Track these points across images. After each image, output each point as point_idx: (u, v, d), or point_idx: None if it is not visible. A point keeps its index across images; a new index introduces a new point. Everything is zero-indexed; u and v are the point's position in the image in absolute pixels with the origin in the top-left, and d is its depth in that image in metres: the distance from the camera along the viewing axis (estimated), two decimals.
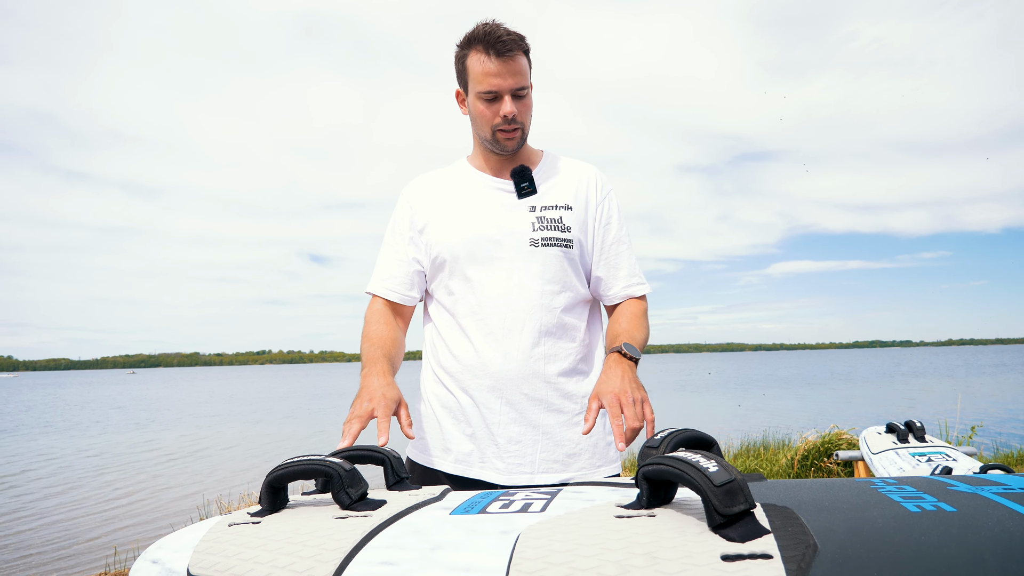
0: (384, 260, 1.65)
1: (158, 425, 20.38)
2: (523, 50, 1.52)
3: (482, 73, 1.50)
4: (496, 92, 1.50)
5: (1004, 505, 0.72)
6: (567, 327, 1.57)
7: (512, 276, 1.54)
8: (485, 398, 1.53)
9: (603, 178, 1.68)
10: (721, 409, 20.96)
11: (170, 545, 0.91)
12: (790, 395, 27.26)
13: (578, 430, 1.55)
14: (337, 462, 0.93)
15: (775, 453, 7.37)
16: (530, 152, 1.67)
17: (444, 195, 1.64)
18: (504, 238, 1.55)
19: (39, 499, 8.88)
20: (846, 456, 3.33)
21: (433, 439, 1.59)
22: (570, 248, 1.58)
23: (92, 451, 14.17)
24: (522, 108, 1.54)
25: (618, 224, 1.66)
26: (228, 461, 12.01)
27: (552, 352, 1.55)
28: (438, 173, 1.70)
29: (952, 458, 2.81)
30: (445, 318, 1.61)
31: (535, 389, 1.53)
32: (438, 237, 1.59)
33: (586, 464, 1.55)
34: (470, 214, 1.59)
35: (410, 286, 1.63)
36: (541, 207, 1.58)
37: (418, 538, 0.78)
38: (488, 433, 1.53)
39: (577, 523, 0.74)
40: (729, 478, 0.69)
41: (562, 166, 1.68)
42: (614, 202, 1.67)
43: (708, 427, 13.28)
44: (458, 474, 1.54)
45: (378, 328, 1.54)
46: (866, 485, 0.87)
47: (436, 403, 1.60)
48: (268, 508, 0.93)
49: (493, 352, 1.53)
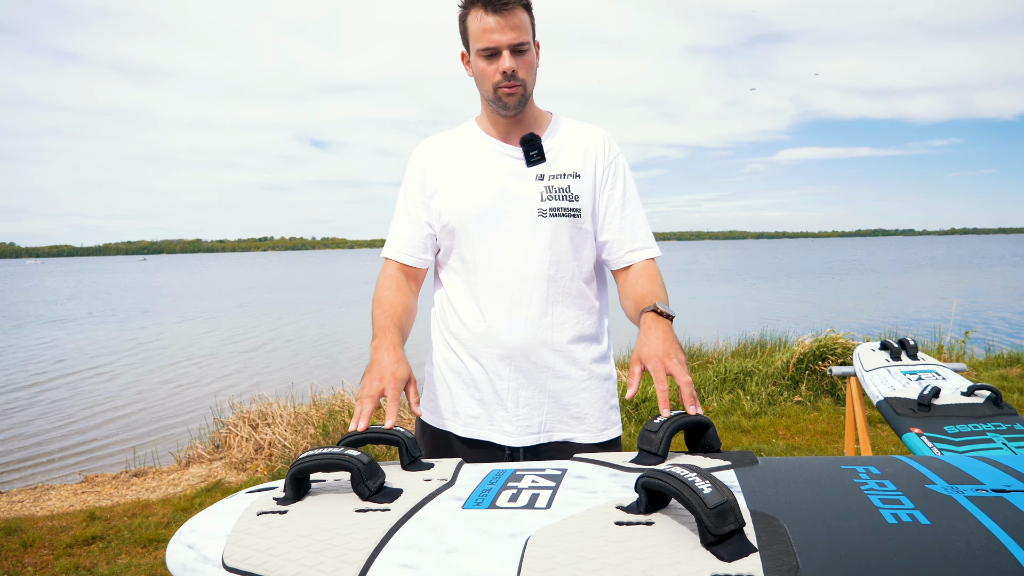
0: (397, 224, 1.67)
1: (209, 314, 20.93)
2: (523, 5, 1.51)
3: (480, 30, 1.49)
4: (495, 48, 1.50)
5: (975, 518, 0.78)
6: (575, 295, 1.61)
7: (520, 246, 1.58)
8: (494, 365, 1.58)
9: (611, 141, 1.68)
10: (721, 302, 21.28)
11: (203, 529, 0.99)
12: (790, 288, 27.58)
13: (585, 395, 1.61)
14: (356, 455, 0.99)
15: (771, 353, 7.57)
16: (537, 114, 1.66)
17: (454, 160, 1.64)
18: (513, 208, 1.58)
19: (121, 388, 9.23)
20: (839, 372, 3.44)
21: (443, 402, 1.66)
22: (578, 217, 1.60)
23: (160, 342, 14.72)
24: (523, 64, 1.53)
25: (624, 188, 1.67)
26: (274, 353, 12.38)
27: (560, 320, 1.59)
28: (447, 135, 1.70)
29: (942, 376, 2.91)
30: (455, 284, 1.64)
31: (543, 357, 1.58)
32: (448, 204, 1.61)
33: (591, 427, 1.62)
34: (480, 182, 1.60)
35: (423, 249, 1.65)
36: (550, 176, 1.59)
37: (434, 538, 0.85)
38: (497, 398, 1.59)
39: (580, 530, 0.81)
40: (721, 500, 0.75)
41: (570, 131, 1.68)
42: (621, 165, 1.68)
43: (707, 322, 13.53)
44: (468, 436, 1.62)
45: (390, 295, 1.57)
46: (850, 479, 0.93)
47: (446, 368, 1.66)
48: (292, 497, 1.00)
49: (502, 321, 1.57)
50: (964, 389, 2.58)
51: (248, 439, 5.48)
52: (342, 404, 6.04)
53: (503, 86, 1.53)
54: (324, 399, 6.30)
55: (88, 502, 4.63)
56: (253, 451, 5.36)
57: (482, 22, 1.49)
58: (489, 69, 1.53)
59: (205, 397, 8.67)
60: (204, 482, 4.94)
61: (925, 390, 2.52)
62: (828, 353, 6.26)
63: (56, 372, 11.39)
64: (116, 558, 3.49)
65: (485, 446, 1.61)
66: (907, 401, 2.55)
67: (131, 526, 3.87)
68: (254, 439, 5.45)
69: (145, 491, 4.85)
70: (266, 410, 5.82)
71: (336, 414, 5.70)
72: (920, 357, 3.27)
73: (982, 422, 2.31)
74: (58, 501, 4.70)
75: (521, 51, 1.52)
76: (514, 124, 1.62)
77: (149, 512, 4.15)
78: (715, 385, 6.47)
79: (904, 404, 2.53)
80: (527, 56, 1.53)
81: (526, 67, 1.54)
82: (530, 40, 1.53)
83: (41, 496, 4.85)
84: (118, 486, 5.02)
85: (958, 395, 2.53)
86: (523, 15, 1.51)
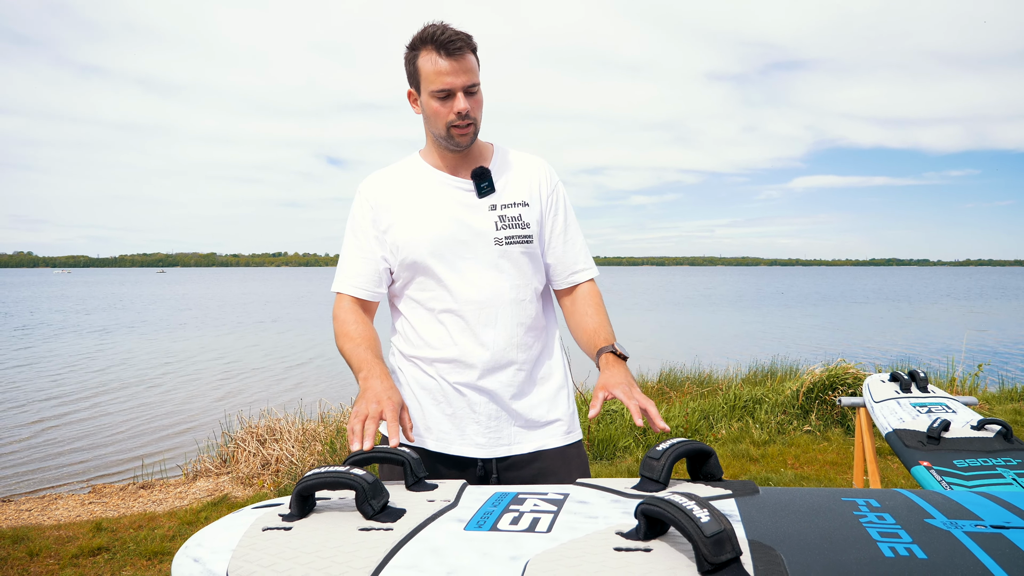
0: (349, 258, 1.71)
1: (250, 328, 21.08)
2: (471, 48, 1.59)
3: (434, 72, 1.56)
4: (449, 90, 1.57)
5: (972, 554, 0.79)
6: (535, 315, 1.71)
7: (482, 274, 1.65)
8: (465, 384, 1.65)
9: (551, 170, 1.79)
10: (732, 328, 21.19)
11: (209, 543, 1.01)
12: (801, 316, 27.42)
13: (548, 406, 1.71)
14: (361, 474, 1.01)
15: (781, 382, 7.52)
16: (481, 147, 1.75)
17: (405, 195, 1.70)
18: (471, 239, 1.65)
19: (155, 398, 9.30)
20: (849, 402, 3.42)
21: (414, 420, 1.71)
22: (530, 243, 1.69)
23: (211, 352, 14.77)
24: (474, 104, 1.61)
25: (565, 213, 1.77)
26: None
27: (524, 342, 1.68)
28: (394, 169, 1.75)
29: (952, 410, 2.89)
30: (418, 312, 1.70)
31: (510, 376, 1.67)
32: (405, 239, 1.66)
33: (556, 432, 1.71)
34: (435, 215, 1.66)
35: (378, 283, 1.70)
36: (501, 205, 1.68)
37: (435, 559, 0.87)
38: (469, 411, 1.66)
39: (579, 556, 0.82)
40: (719, 529, 0.76)
41: (514, 161, 1.77)
42: (561, 192, 1.79)
43: (717, 349, 13.48)
44: (439, 451, 1.67)
45: (357, 327, 1.62)
46: (850, 511, 0.94)
47: (415, 384, 1.71)
48: (297, 513, 1.02)
49: (471, 345, 1.64)
50: (974, 423, 2.56)
51: (256, 454, 5.50)
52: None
53: (456, 125, 1.60)
54: (332, 416, 6.31)
55: (95, 513, 4.65)
56: (260, 466, 5.37)
57: (435, 64, 1.56)
58: (443, 110, 1.60)
59: (215, 410, 8.71)
60: (210, 496, 4.95)
61: (935, 423, 2.50)
62: (839, 383, 6.21)
63: (72, 383, 11.48)
64: (121, 570, 3.50)
65: (458, 459, 1.66)
66: (916, 434, 2.54)
67: (137, 538, 3.89)
68: (261, 454, 5.47)
69: (152, 503, 4.87)
70: (274, 426, 5.85)
71: (344, 432, 5.71)
72: (930, 389, 3.25)
73: (992, 457, 2.29)
74: (65, 511, 4.73)
75: (472, 92, 1.60)
76: (461, 158, 1.70)
77: (155, 525, 4.16)
78: (724, 412, 6.43)
79: (913, 436, 2.52)
80: (477, 96, 1.62)
81: (477, 106, 1.62)
82: (479, 80, 1.61)
83: (48, 505, 4.88)
84: (125, 498, 5.04)
85: (968, 429, 2.51)
86: (472, 57, 1.59)
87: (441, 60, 1.55)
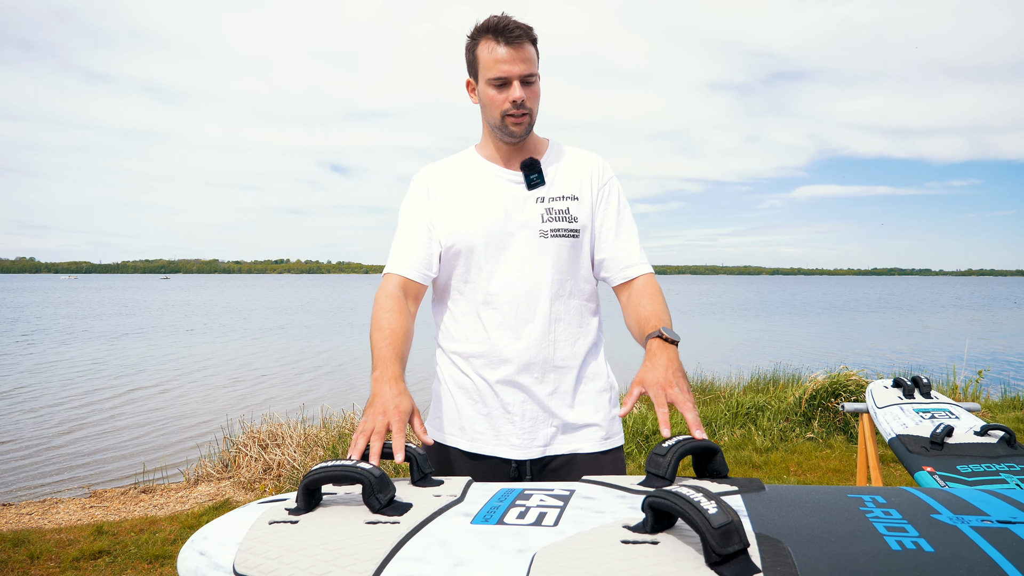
0: (402, 241, 1.70)
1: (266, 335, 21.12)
2: (531, 40, 1.60)
3: (492, 60, 1.57)
4: (505, 78, 1.58)
5: (979, 547, 0.79)
6: (576, 313, 1.68)
7: (525, 267, 1.64)
8: (500, 382, 1.63)
9: (605, 165, 1.77)
10: (734, 336, 21.16)
11: (215, 537, 1.01)
12: (803, 324, 27.39)
13: (588, 407, 1.67)
14: (368, 468, 1.01)
15: (784, 389, 7.51)
16: (537, 141, 1.75)
17: (457, 185, 1.71)
18: (516, 230, 1.64)
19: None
20: (852, 408, 3.41)
21: (449, 418, 1.69)
22: (577, 237, 1.67)
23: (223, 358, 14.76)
24: (530, 95, 1.61)
25: (618, 207, 1.74)
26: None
27: (563, 338, 1.66)
28: (449, 161, 1.77)
29: (955, 415, 2.89)
30: (459, 304, 1.69)
31: (547, 373, 1.64)
32: (453, 227, 1.66)
33: (593, 437, 1.66)
34: (483, 205, 1.66)
35: (428, 266, 1.69)
36: (549, 198, 1.67)
37: (442, 551, 0.87)
38: (504, 412, 1.64)
39: (586, 548, 0.82)
40: (726, 520, 0.76)
41: (567, 155, 1.76)
42: (615, 187, 1.76)
43: (719, 356, 13.46)
44: (475, 451, 1.65)
45: (390, 318, 1.56)
46: (856, 507, 0.94)
47: (452, 384, 1.70)
48: (304, 507, 1.02)
49: (507, 340, 1.63)
50: (977, 428, 2.56)
51: (257, 459, 5.49)
52: (352, 427, 6.04)
53: (511, 114, 1.60)
54: (334, 421, 6.30)
55: (96, 516, 4.65)
56: (262, 471, 5.36)
57: (493, 53, 1.57)
58: (499, 98, 1.60)
59: (217, 415, 8.70)
60: (212, 501, 4.95)
61: (938, 428, 2.50)
62: (841, 390, 6.20)
63: (74, 388, 11.48)
64: (122, 573, 3.49)
65: (491, 460, 1.64)
66: (920, 439, 2.53)
67: (138, 542, 3.88)
68: (263, 459, 5.46)
69: (153, 507, 4.86)
70: (276, 430, 5.84)
71: (346, 436, 5.70)
72: (933, 395, 3.24)
73: (995, 462, 2.29)
74: (66, 515, 4.72)
75: (529, 82, 1.60)
76: (515, 150, 1.70)
77: (156, 528, 4.15)
78: (727, 419, 6.42)
79: (916, 442, 2.51)
80: (535, 87, 1.62)
81: (533, 97, 1.62)
82: (537, 72, 1.62)
83: (49, 509, 4.87)
84: (126, 502, 5.03)
85: (971, 434, 2.51)
86: (531, 48, 1.60)
87: (499, 48, 1.56)
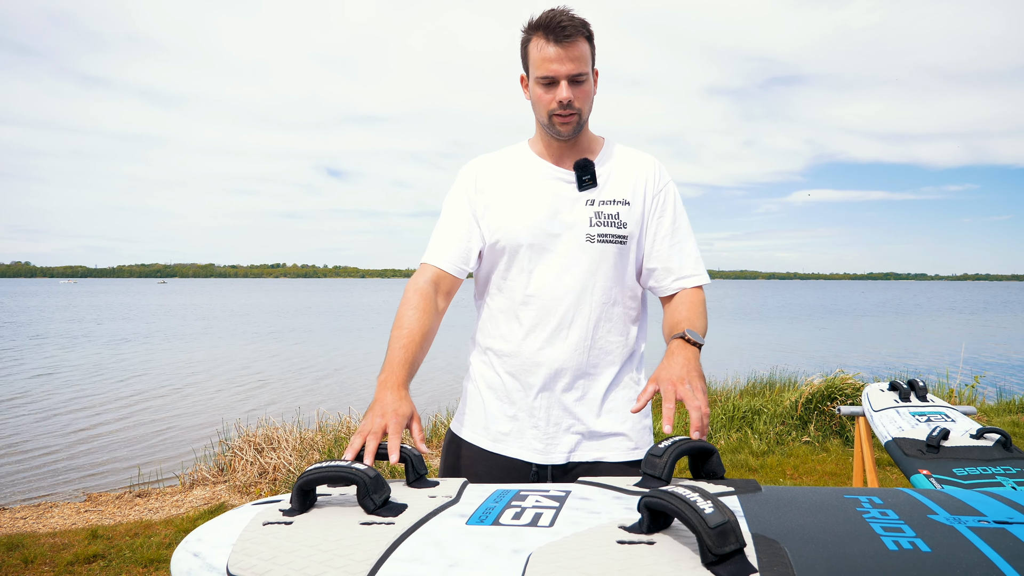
0: (443, 231, 1.67)
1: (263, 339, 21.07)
2: (585, 36, 1.53)
3: (540, 58, 1.52)
4: (553, 77, 1.52)
5: (976, 548, 0.79)
6: (615, 321, 1.63)
7: (567, 270, 1.59)
8: (529, 383, 1.60)
9: (662, 169, 1.70)
10: (731, 340, 21.16)
11: (209, 538, 1.00)
12: (799, 329, 27.43)
13: (618, 415, 1.62)
14: (363, 468, 1.00)
15: (780, 393, 7.51)
16: (590, 139, 1.69)
17: (506, 180, 1.66)
18: (562, 231, 1.59)
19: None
20: (848, 411, 3.41)
21: (474, 416, 1.67)
22: (624, 244, 1.61)
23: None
24: (580, 94, 1.55)
25: (673, 215, 1.68)
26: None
27: (600, 345, 1.61)
28: (500, 155, 1.72)
29: (951, 419, 2.89)
30: (498, 302, 1.65)
31: (580, 380, 1.59)
32: (500, 223, 1.62)
33: (620, 447, 1.61)
34: (531, 204, 1.62)
35: (465, 260, 1.65)
36: (600, 201, 1.61)
37: (437, 552, 0.86)
38: (530, 416, 1.60)
39: (582, 548, 0.82)
40: (723, 520, 0.76)
41: (622, 157, 1.69)
42: (671, 193, 1.69)
43: (716, 360, 13.46)
44: (497, 452, 1.62)
45: (413, 316, 1.52)
46: (853, 507, 0.93)
47: (482, 383, 1.67)
48: (298, 508, 1.01)
49: (543, 342, 1.59)
50: (973, 432, 2.56)
51: (253, 463, 5.47)
52: (348, 431, 6.03)
53: (558, 114, 1.55)
54: (330, 425, 6.29)
55: (91, 520, 4.62)
56: (257, 475, 5.34)
57: (542, 51, 1.51)
58: (546, 97, 1.55)
59: (213, 419, 8.67)
60: (207, 504, 4.93)
61: (934, 431, 2.50)
62: (837, 393, 6.21)
63: (70, 393, 11.43)
64: None
65: (512, 462, 1.60)
66: (916, 442, 2.53)
67: (133, 546, 3.86)
68: (259, 463, 5.44)
69: (148, 511, 4.84)
70: (272, 434, 5.82)
71: (343, 440, 5.69)
72: (929, 399, 3.24)
73: (991, 465, 2.29)
74: (61, 519, 4.70)
75: (579, 81, 1.54)
76: (567, 148, 1.64)
77: (151, 532, 4.13)
78: (723, 423, 6.41)
79: (913, 445, 2.51)
80: (584, 86, 1.56)
81: (583, 97, 1.56)
82: (589, 71, 1.55)
83: (44, 513, 4.85)
84: (121, 506, 5.01)
85: (967, 438, 2.51)
86: (584, 45, 1.53)
87: (549, 46, 1.50)
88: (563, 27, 1.49)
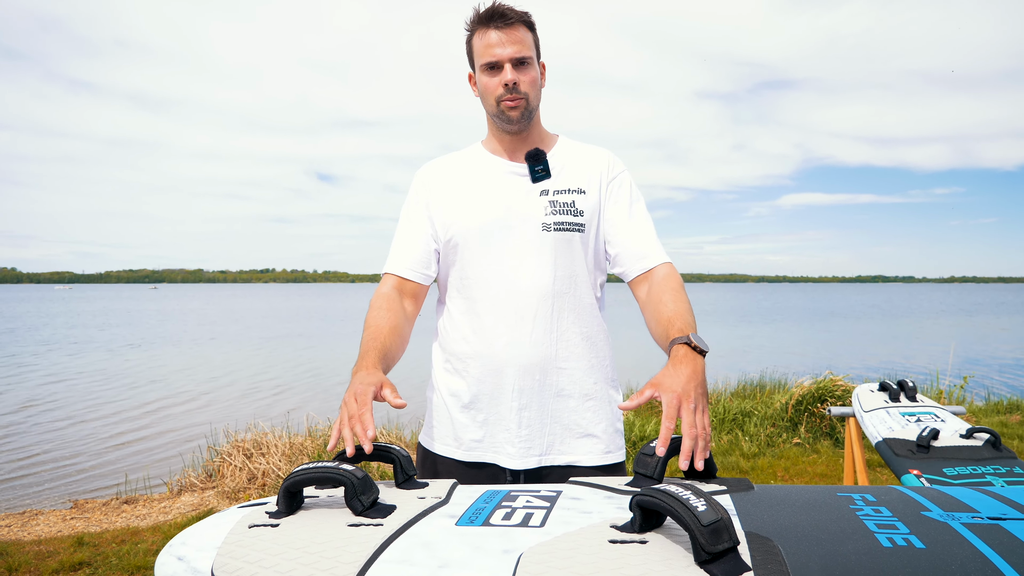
0: (401, 239, 1.66)
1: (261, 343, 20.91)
2: (525, 23, 1.56)
3: (484, 45, 1.55)
4: (496, 61, 1.54)
5: (970, 543, 0.78)
6: (579, 312, 1.59)
7: (524, 261, 1.56)
8: (496, 384, 1.56)
9: (615, 159, 1.69)
10: (720, 343, 21.22)
11: (193, 542, 0.98)
12: (789, 331, 27.55)
13: (590, 415, 1.58)
14: (350, 470, 0.99)
15: (770, 395, 7.53)
16: (544, 135, 1.69)
17: (458, 178, 1.65)
18: (517, 223, 1.57)
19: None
20: (838, 412, 3.42)
21: (443, 428, 1.63)
22: (582, 231, 1.59)
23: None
24: (525, 79, 1.56)
25: (630, 200, 1.66)
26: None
27: (565, 338, 1.57)
28: (452, 157, 1.71)
29: (940, 419, 2.90)
30: (457, 303, 1.63)
31: (547, 376, 1.55)
32: (452, 219, 1.61)
33: (595, 449, 1.58)
34: (483, 198, 1.61)
35: (426, 264, 1.64)
36: (554, 191, 1.60)
37: (426, 552, 0.85)
38: (499, 419, 1.56)
39: (573, 548, 0.80)
40: (715, 518, 0.75)
41: (576, 150, 1.69)
42: (626, 180, 1.68)
43: (708, 361, 13.48)
44: (471, 460, 1.58)
45: (378, 316, 1.52)
46: (846, 505, 0.93)
47: (446, 392, 1.63)
48: (285, 510, 0.99)
49: (505, 339, 1.55)
50: (963, 432, 2.56)
51: (242, 468, 5.43)
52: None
53: (505, 99, 1.55)
54: (320, 430, 6.25)
55: (77, 528, 4.57)
56: (246, 481, 5.30)
57: (485, 38, 1.54)
58: (492, 83, 1.56)
59: (201, 424, 8.60)
60: (195, 511, 4.88)
61: (924, 432, 2.50)
62: (827, 395, 6.23)
63: (52, 396, 11.32)
64: None
65: (486, 469, 1.57)
66: (906, 442, 2.53)
67: (119, 552, 3.81)
68: (248, 468, 5.40)
69: (135, 518, 4.79)
70: (261, 439, 5.77)
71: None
72: (919, 399, 3.25)
73: (981, 465, 2.29)
74: (46, 526, 4.64)
75: (523, 64, 1.55)
76: (520, 141, 1.64)
77: (138, 539, 4.09)
78: (713, 425, 6.42)
79: (903, 445, 2.52)
80: (530, 71, 1.56)
81: (529, 81, 1.56)
82: (533, 56, 1.57)
83: (29, 521, 4.78)
84: (108, 513, 4.95)
85: (957, 437, 2.51)
86: (525, 32, 1.56)
87: (491, 32, 1.53)
88: (503, 14, 1.53)
